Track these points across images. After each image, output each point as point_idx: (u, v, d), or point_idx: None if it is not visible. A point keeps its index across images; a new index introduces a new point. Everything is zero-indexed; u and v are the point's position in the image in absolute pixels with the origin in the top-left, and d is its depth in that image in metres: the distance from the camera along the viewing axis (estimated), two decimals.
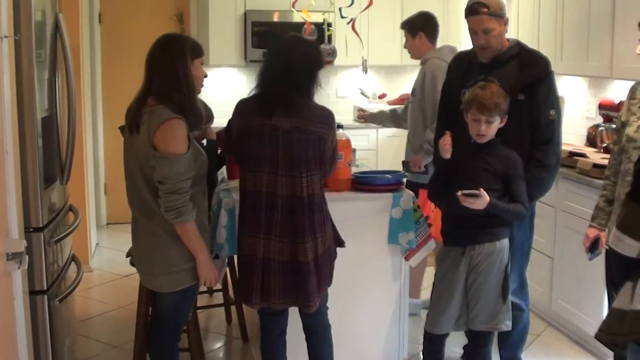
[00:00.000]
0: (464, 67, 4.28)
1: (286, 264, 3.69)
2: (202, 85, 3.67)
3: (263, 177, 3.67)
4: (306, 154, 3.65)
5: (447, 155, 3.92)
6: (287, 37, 3.86)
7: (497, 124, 3.82)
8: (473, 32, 4.10)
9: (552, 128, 4.05)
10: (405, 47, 5.60)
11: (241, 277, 3.88)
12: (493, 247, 3.85)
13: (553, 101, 4.07)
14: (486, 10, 4.00)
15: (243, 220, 3.80)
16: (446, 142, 3.91)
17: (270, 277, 3.70)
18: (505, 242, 3.90)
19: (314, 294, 3.74)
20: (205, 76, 3.68)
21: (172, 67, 3.48)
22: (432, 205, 4.57)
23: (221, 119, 4.16)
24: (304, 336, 4.01)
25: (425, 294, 5.46)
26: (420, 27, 5.46)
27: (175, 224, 3.45)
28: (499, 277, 3.88)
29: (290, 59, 3.67)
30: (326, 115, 3.75)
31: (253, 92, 3.76)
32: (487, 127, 3.80)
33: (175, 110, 3.44)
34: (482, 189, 3.72)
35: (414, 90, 5.43)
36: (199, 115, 3.63)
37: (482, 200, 3.72)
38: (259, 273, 3.70)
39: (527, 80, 4.01)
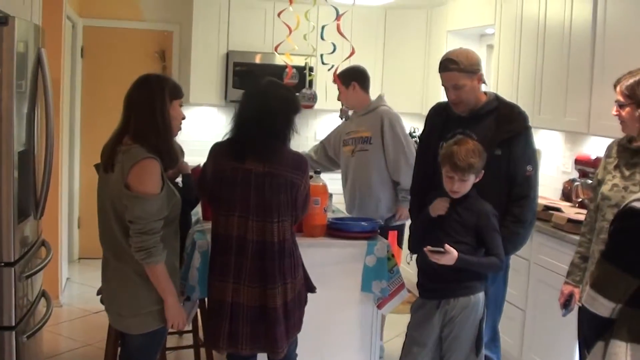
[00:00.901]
0: (442, 118, 4.28)
1: (255, 309, 3.66)
2: (179, 128, 3.66)
3: (234, 221, 3.66)
4: (278, 199, 3.65)
5: (433, 214, 3.88)
6: (265, 82, 3.85)
7: (471, 181, 3.82)
8: (445, 88, 4.14)
9: (529, 183, 4.07)
10: (339, 99, 5.77)
11: (209, 322, 3.83)
12: (468, 301, 3.82)
13: (530, 157, 4.09)
14: (455, 67, 4.02)
15: (214, 264, 3.78)
16: (443, 207, 3.86)
17: (238, 322, 3.67)
18: (480, 296, 3.87)
19: (282, 341, 3.71)
20: (184, 118, 3.66)
21: (149, 108, 3.47)
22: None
23: (199, 157, 4.16)
24: None
25: (393, 342, 5.44)
26: (353, 78, 5.61)
27: (145, 264, 3.40)
28: (473, 331, 3.85)
29: (267, 104, 3.69)
30: (300, 161, 3.76)
31: (227, 136, 3.77)
32: (460, 185, 3.80)
33: (150, 150, 3.42)
34: (447, 245, 3.71)
35: (368, 138, 5.47)
36: (175, 156, 3.60)
37: (449, 256, 3.70)
38: (227, 318, 3.68)
39: (504, 135, 4.03)
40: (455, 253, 3.70)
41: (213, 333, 3.75)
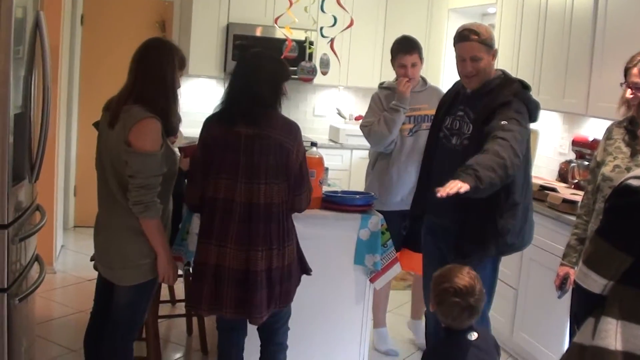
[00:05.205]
0: (452, 97, 4.23)
1: (239, 272, 3.64)
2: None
3: (221, 183, 3.67)
4: (267, 161, 3.65)
5: None
6: (251, 53, 3.90)
7: None
8: (461, 60, 4.00)
9: (503, 129, 3.72)
10: (412, 75, 5.09)
11: (192, 284, 3.81)
12: None
13: (510, 117, 3.79)
14: (476, 37, 3.92)
15: (200, 226, 3.80)
16: None
17: (222, 285, 3.66)
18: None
19: (262, 307, 3.67)
20: (178, 87, 3.71)
21: (160, 73, 3.57)
22: None
23: (196, 129, 4.14)
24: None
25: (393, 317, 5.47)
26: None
27: (141, 218, 3.52)
28: None
29: (253, 73, 3.72)
30: (290, 126, 3.76)
31: (218, 107, 3.79)
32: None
33: (151, 111, 3.51)
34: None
35: (428, 116, 4.99)
36: (175, 124, 3.73)
37: None
38: (210, 280, 3.67)
39: (493, 104, 3.87)
40: None
41: (194, 295, 3.74)
